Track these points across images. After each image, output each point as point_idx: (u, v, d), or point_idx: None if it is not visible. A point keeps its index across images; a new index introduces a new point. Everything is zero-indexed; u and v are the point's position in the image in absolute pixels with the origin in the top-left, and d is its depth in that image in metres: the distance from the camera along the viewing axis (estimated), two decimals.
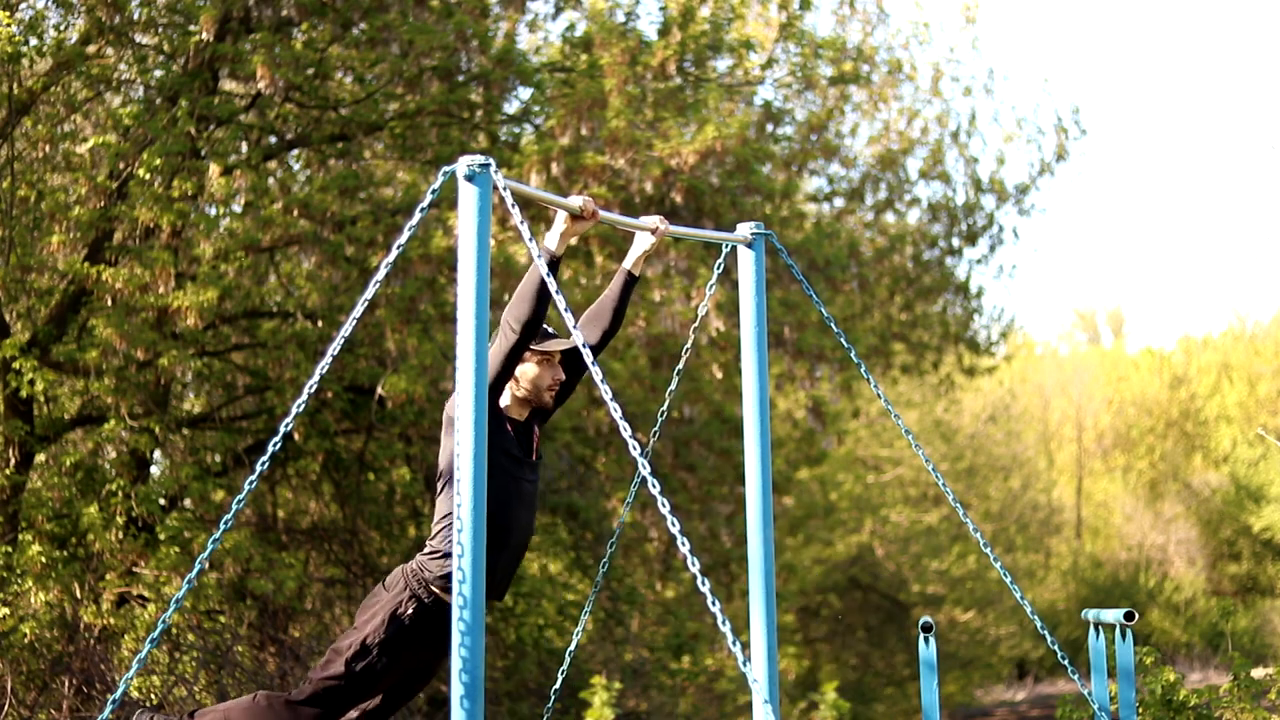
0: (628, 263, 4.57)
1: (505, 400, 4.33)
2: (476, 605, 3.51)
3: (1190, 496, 26.80)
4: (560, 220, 4.20)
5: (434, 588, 4.17)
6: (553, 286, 3.77)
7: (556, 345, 4.36)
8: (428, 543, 4.25)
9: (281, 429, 3.66)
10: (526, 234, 3.64)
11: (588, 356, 3.59)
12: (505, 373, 4.18)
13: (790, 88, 12.96)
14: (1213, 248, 57.57)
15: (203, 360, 9.98)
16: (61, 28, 9.03)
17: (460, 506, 3.55)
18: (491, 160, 3.71)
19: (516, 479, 4.25)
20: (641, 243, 4.59)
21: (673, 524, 3.31)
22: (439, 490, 4.26)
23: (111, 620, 8.33)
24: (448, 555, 4.15)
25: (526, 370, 4.33)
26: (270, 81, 8.83)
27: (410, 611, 4.15)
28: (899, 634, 20.32)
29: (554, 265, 4.14)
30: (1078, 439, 29.71)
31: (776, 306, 10.70)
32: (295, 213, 9.30)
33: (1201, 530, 26.34)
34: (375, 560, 11.16)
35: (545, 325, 4.46)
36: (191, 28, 9.01)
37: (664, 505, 3.33)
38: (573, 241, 4.34)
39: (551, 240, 4.19)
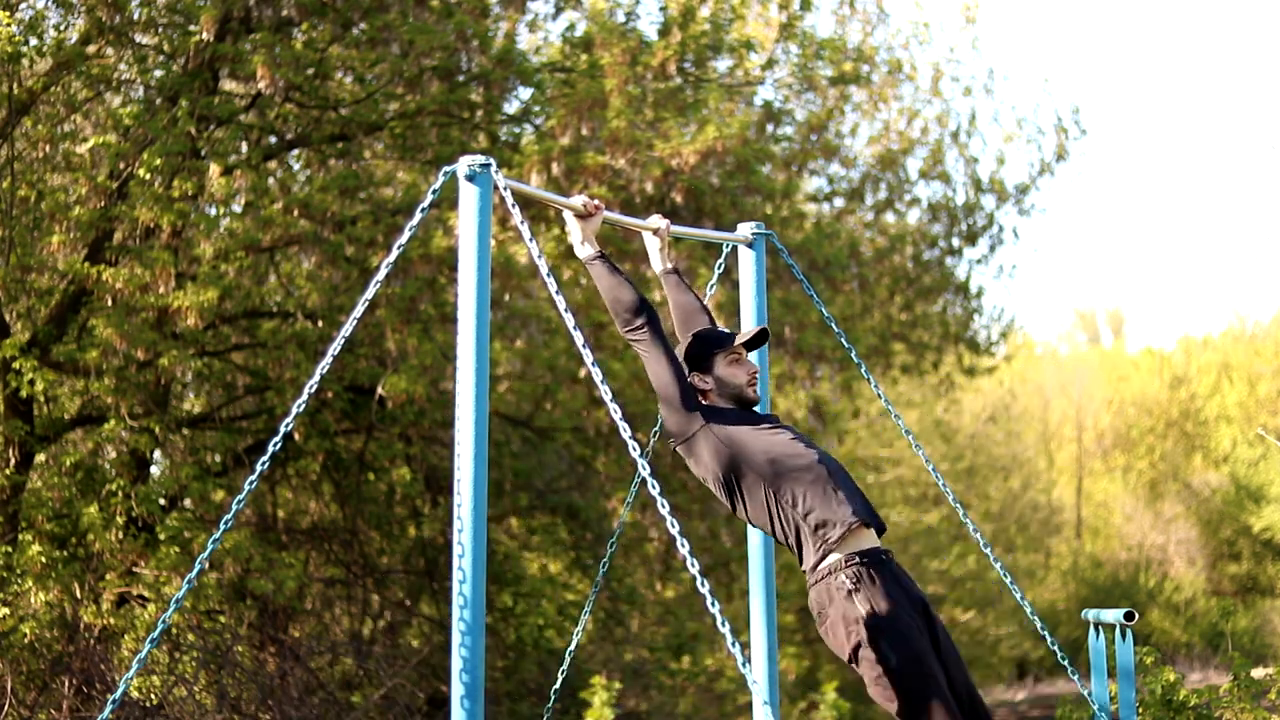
0: (659, 265, 4.55)
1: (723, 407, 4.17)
2: (477, 605, 3.51)
3: (1190, 496, 26.79)
4: (575, 228, 4.18)
5: (842, 576, 3.89)
6: (553, 287, 3.76)
7: (737, 340, 4.24)
8: (802, 558, 3.98)
9: (281, 429, 3.66)
10: (527, 234, 3.64)
11: (587, 357, 3.59)
12: (676, 362, 4.04)
13: (790, 88, 12.95)
14: (1213, 248, 57.60)
15: (203, 360, 9.98)
16: (61, 28, 9.02)
17: (460, 506, 3.55)
18: (492, 160, 3.71)
19: (772, 426, 4.09)
20: (654, 243, 4.60)
21: (673, 524, 3.31)
22: (742, 503, 4.03)
23: (111, 620, 8.32)
24: (801, 527, 3.94)
25: (722, 376, 4.18)
26: (270, 81, 8.83)
27: (849, 588, 3.86)
28: None
29: (606, 258, 4.11)
30: (1078, 439, 29.70)
31: (777, 306, 10.70)
32: (295, 213, 9.30)
33: (1201, 530, 26.33)
34: (375, 560, 11.16)
35: (714, 326, 4.36)
36: (191, 28, 9.00)
37: (664, 505, 3.33)
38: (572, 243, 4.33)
39: (586, 248, 4.14)
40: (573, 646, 4.85)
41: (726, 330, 4.33)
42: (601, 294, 4.10)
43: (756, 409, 4.26)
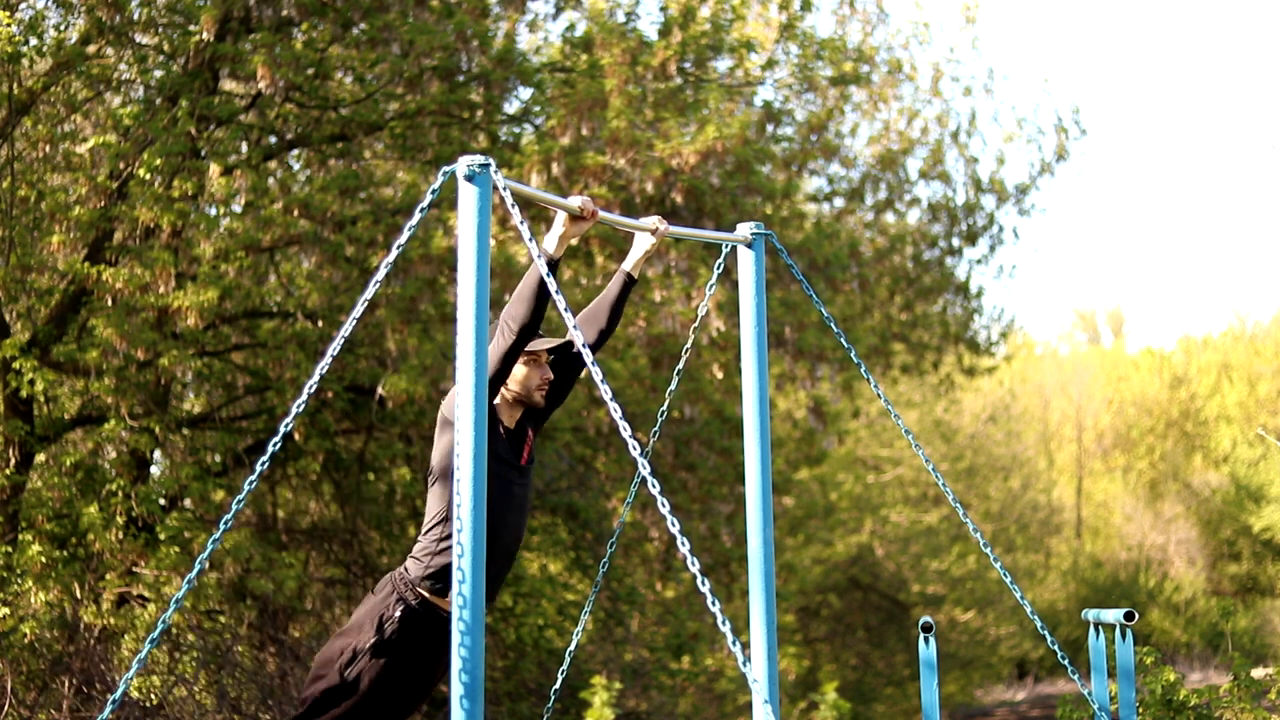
0: (627, 264, 4.57)
1: (496, 402, 4.29)
2: (476, 605, 3.51)
3: (1190, 496, 26.80)
4: (559, 222, 4.19)
5: (420, 590, 4.15)
6: (553, 287, 3.77)
7: (542, 344, 4.34)
8: (417, 543, 4.24)
9: (281, 429, 3.66)
10: (527, 234, 3.64)
11: (587, 356, 3.58)
12: (501, 373, 4.15)
13: (790, 88, 12.96)
14: (1213, 248, 57.60)
15: (203, 360, 9.98)
16: (61, 28, 9.02)
17: (459, 506, 3.55)
18: (492, 160, 3.71)
19: (506, 482, 4.23)
20: (641, 244, 4.59)
21: (673, 524, 3.31)
22: (429, 488, 4.26)
23: (111, 620, 8.33)
24: (434, 554, 4.15)
25: (515, 371, 4.31)
26: (270, 81, 8.83)
27: (397, 615, 4.13)
28: (899, 634, 20.31)
29: (553, 267, 4.12)
30: (1078, 439, 29.71)
31: (776, 306, 10.69)
32: (295, 213, 9.30)
33: (1201, 530, 26.34)
34: (375, 560, 11.16)
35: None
36: (191, 28, 9.01)
37: (664, 505, 3.33)
38: (573, 242, 4.35)
39: (550, 243, 4.18)
40: (573, 646, 4.85)
41: (541, 333, 4.47)
42: (519, 286, 4.14)
43: (532, 432, 4.38)
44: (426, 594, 4.15)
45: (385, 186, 10.92)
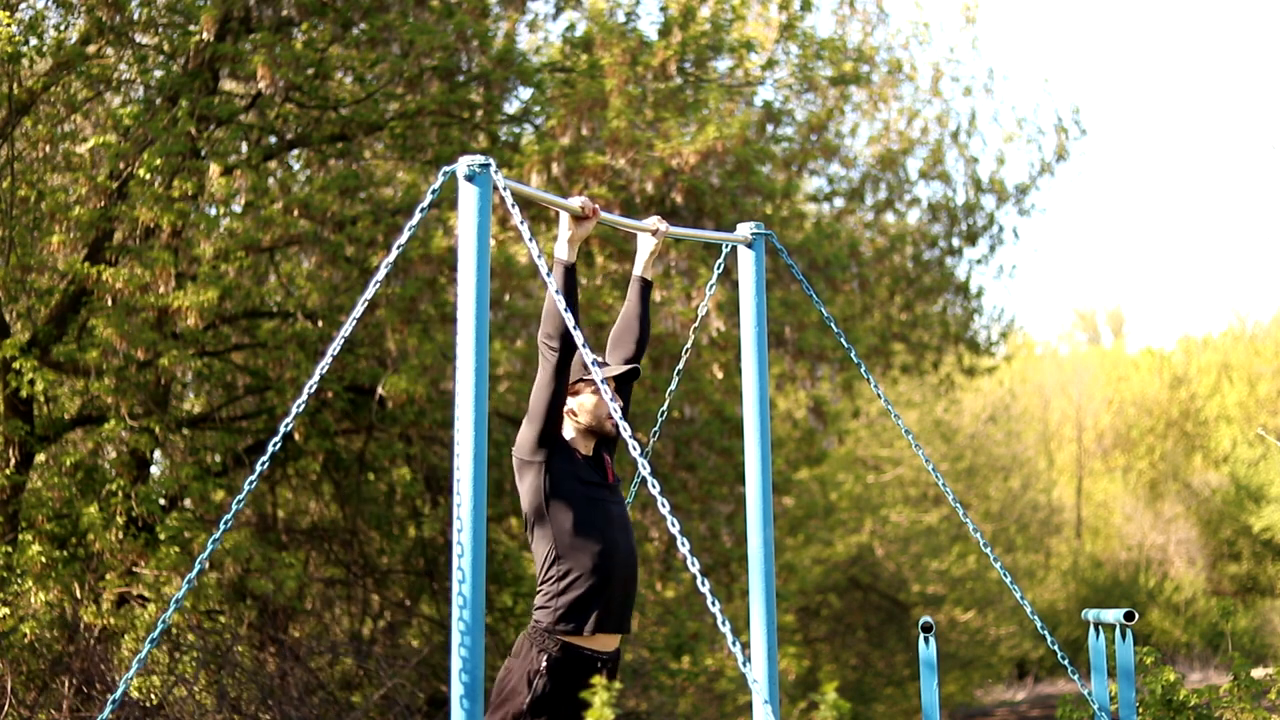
0: (638, 269, 4.58)
1: (569, 434, 4.28)
2: (476, 605, 3.51)
3: (1190, 496, 26.79)
4: (565, 226, 4.18)
5: (558, 636, 4.10)
6: (553, 286, 3.76)
7: (609, 373, 4.32)
8: (537, 594, 4.16)
9: (281, 429, 3.66)
10: (527, 234, 3.64)
11: (587, 357, 3.59)
12: (558, 395, 4.12)
13: (790, 88, 12.95)
14: (1213, 248, 57.60)
15: (203, 360, 9.98)
16: (61, 28, 9.02)
17: (460, 506, 3.55)
18: (492, 160, 3.71)
19: (602, 503, 4.20)
20: (645, 246, 4.60)
21: (673, 524, 3.31)
22: (531, 537, 4.19)
23: (111, 620, 8.32)
24: (558, 595, 4.10)
25: (584, 402, 4.29)
26: (270, 81, 8.83)
27: (543, 668, 4.08)
28: (899, 634, 20.30)
29: (570, 271, 4.13)
30: (1078, 439, 29.70)
31: (776, 306, 10.69)
32: (295, 213, 9.29)
33: (1201, 530, 26.33)
34: (375, 560, 11.16)
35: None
36: (191, 28, 9.00)
37: (664, 505, 3.33)
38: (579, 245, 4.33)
39: (561, 250, 4.17)
40: None
41: (602, 360, 4.41)
42: (547, 298, 4.14)
43: (608, 456, 4.35)
44: (565, 638, 4.10)
45: (385, 186, 10.92)
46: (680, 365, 5.09)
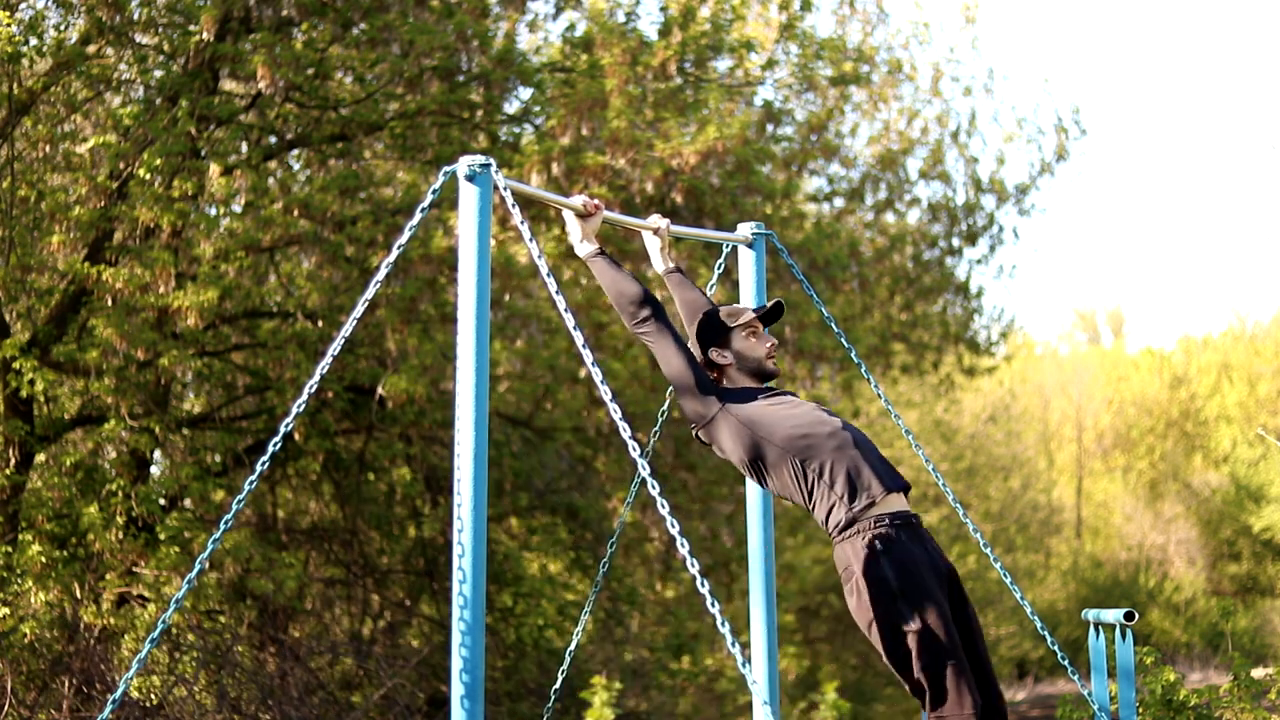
0: (664, 265, 4.56)
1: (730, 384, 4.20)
2: (477, 605, 3.51)
3: (1190, 496, 26.79)
4: (574, 226, 4.19)
5: (861, 520, 3.90)
6: (552, 287, 3.76)
7: (752, 312, 4.25)
8: (826, 522, 3.96)
9: (281, 429, 3.66)
10: (527, 234, 3.64)
11: (587, 357, 3.59)
12: (686, 351, 4.05)
13: (790, 88, 12.95)
14: (1213, 248, 57.60)
15: (203, 360, 9.98)
16: (61, 28, 9.02)
17: (460, 506, 3.55)
18: (492, 160, 3.71)
19: (791, 399, 4.10)
20: (655, 243, 4.60)
21: (673, 524, 3.31)
22: (767, 481, 4.04)
23: (111, 620, 8.32)
24: (840, 509, 3.91)
25: (741, 350, 4.21)
26: (270, 81, 8.83)
27: (878, 549, 3.86)
28: None
29: (603, 252, 4.14)
30: (1078, 439, 29.70)
31: None
32: (295, 213, 9.29)
33: (1201, 530, 26.33)
34: (375, 560, 11.16)
35: (712, 306, 4.37)
36: (191, 28, 9.00)
37: (664, 505, 3.33)
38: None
39: (584, 246, 4.17)
40: (573, 646, 4.85)
41: (738, 305, 4.35)
42: (605, 290, 4.13)
43: (774, 383, 4.27)
44: (866, 517, 3.89)
45: (385, 186, 10.92)
46: None
